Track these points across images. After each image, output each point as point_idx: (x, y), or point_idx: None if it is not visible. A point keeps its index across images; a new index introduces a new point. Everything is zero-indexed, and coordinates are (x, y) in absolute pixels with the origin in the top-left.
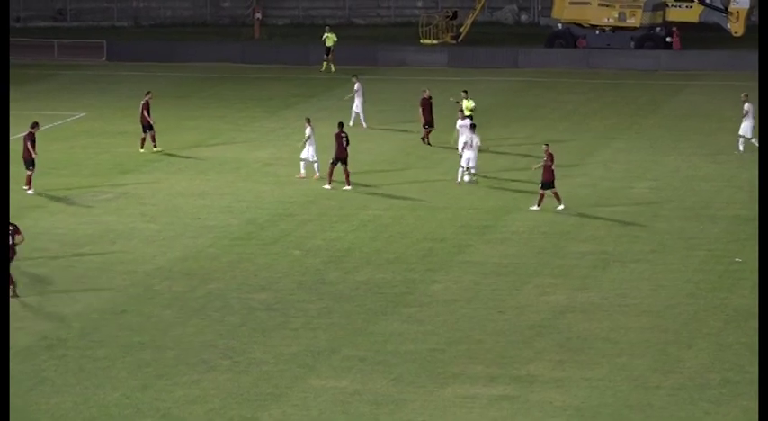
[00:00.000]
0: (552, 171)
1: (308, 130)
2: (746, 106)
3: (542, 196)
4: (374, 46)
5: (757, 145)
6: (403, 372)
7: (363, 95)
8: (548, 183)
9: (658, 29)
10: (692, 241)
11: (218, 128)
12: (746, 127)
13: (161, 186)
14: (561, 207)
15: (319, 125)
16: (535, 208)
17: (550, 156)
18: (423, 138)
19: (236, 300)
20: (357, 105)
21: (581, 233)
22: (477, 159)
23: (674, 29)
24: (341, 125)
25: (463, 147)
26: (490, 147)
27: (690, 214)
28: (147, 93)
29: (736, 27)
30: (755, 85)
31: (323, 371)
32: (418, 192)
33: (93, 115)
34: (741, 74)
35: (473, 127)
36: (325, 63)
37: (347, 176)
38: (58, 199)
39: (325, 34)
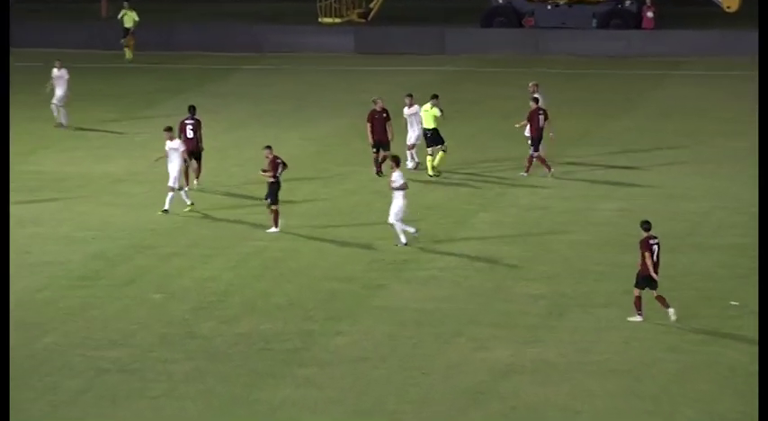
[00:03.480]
0: (277, 183)
1: None
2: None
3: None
4: (259, 26)
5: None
6: None
7: (68, 86)
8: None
9: (628, 2)
10: (675, 279)
11: (54, 134)
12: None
13: None
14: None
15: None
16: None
17: (274, 165)
18: (376, 168)
19: (79, 359)
20: (58, 98)
21: (530, 269)
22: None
23: (647, 3)
24: (190, 109)
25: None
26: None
27: (672, 243)
28: None
29: (730, 1)
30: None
31: None
32: (317, 218)
33: None
34: (736, 60)
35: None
36: (126, 49)
37: (198, 173)
38: None
39: (123, 11)
